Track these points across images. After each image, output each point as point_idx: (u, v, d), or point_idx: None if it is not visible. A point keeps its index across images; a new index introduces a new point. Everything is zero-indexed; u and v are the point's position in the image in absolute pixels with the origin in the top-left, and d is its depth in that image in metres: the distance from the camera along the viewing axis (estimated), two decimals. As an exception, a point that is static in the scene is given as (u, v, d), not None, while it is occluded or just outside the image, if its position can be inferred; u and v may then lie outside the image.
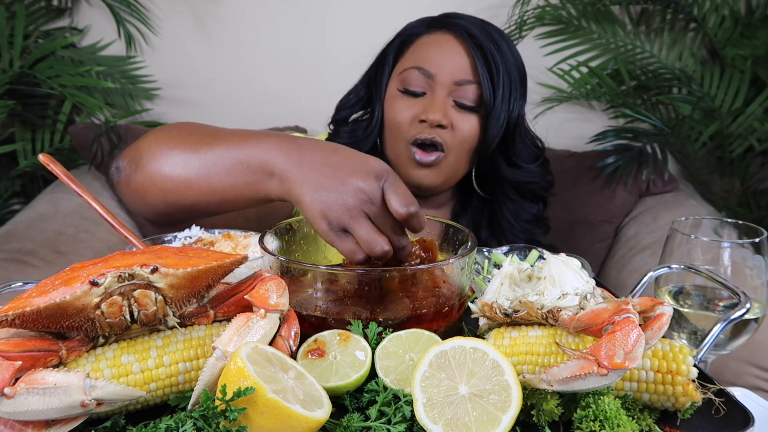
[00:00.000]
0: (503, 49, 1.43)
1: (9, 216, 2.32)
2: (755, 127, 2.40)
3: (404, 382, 0.78)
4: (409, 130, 1.42)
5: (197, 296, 0.79)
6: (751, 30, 2.42)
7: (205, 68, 2.61)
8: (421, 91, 1.43)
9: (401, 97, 1.45)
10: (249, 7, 2.55)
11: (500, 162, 1.50)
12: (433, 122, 1.39)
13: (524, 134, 1.53)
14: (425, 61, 1.43)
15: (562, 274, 0.82)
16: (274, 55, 2.61)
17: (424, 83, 1.42)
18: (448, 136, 1.42)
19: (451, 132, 1.42)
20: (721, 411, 0.75)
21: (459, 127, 1.42)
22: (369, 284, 0.88)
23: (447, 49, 1.43)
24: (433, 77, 1.41)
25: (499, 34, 1.47)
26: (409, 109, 1.43)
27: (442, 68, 1.41)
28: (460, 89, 1.41)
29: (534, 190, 1.56)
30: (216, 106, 2.63)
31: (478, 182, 1.55)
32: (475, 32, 1.42)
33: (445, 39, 1.44)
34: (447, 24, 1.46)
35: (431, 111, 1.39)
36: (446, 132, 1.41)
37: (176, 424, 0.66)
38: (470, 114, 1.43)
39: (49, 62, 2.36)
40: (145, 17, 2.48)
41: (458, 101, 1.42)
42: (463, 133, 1.42)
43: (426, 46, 1.45)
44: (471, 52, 1.41)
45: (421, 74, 1.42)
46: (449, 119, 1.41)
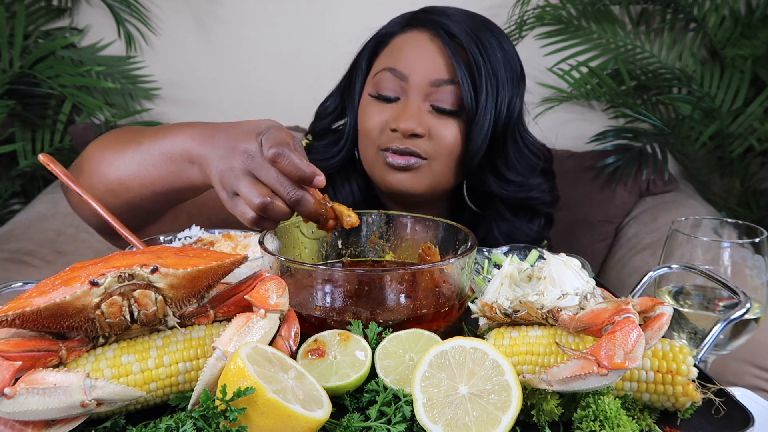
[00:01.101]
0: (488, 45, 1.28)
1: (9, 216, 2.32)
2: (755, 127, 2.40)
3: (404, 382, 0.77)
4: (380, 138, 1.29)
5: (197, 296, 0.79)
6: (751, 30, 2.42)
7: (205, 68, 2.61)
8: (394, 96, 1.29)
9: (373, 103, 1.31)
10: (249, 7, 2.55)
11: (486, 175, 1.34)
12: (405, 131, 1.25)
13: (520, 141, 1.37)
14: (398, 61, 1.29)
15: (562, 274, 0.82)
16: (274, 55, 2.61)
17: (397, 87, 1.28)
18: (427, 146, 1.27)
19: (429, 141, 1.27)
20: (721, 411, 0.75)
21: (438, 135, 1.27)
22: (369, 284, 0.88)
23: (421, 48, 1.28)
24: (407, 79, 1.27)
25: (487, 28, 1.32)
26: (379, 114, 1.29)
27: (415, 68, 1.27)
28: (437, 91, 1.26)
29: (534, 206, 1.40)
30: (216, 106, 2.63)
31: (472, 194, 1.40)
32: (452, 29, 1.27)
33: (420, 37, 1.30)
34: (423, 21, 1.31)
35: (403, 119, 1.25)
36: (423, 141, 1.27)
37: (176, 424, 0.66)
38: (450, 119, 1.28)
39: (49, 62, 2.36)
40: (145, 17, 2.48)
41: (435, 105, 1.27)
42: (445, 140, 1.27)
43: (400, 45, 1.32)
44: (448, 51, 1.26)
45: (393, 76, 1.28)
46: (425, 126, 1.26)
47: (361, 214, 1.10)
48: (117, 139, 1.19)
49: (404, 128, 1.24)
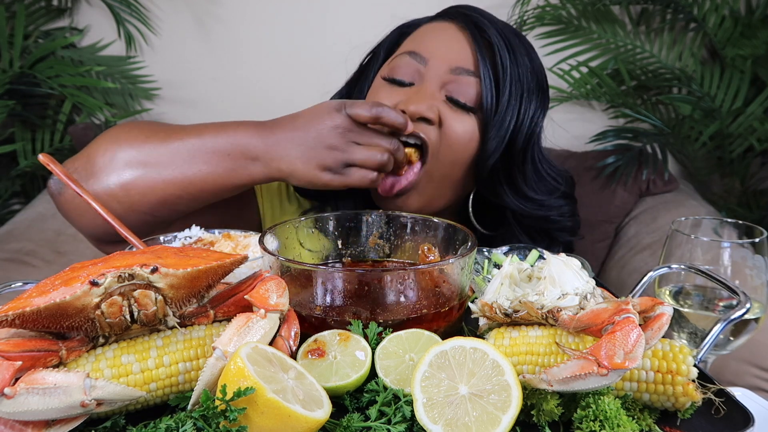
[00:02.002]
0: (516, 49, 1.21)
1: (9, 216, 2.32)
2: (755, 127, 2.40)
3: (404, 382, 0.77)
4: None
5: (197, 296, 0.79)
6: (751, 30, 2.42)
7: (205, 68, 2.61)
8: (409, 80, 1.21)
9: (385, 86, 1.23)
10: (249, 7, 2.55)
11: (502, 187, 1.24)
12: (414, 114, 1.15)
13: (539, 163, 1.28)
14: (419, 45, 1.22)
15: (562, 274, 0.82)
16: (274, 55, 2.61)
17: (414, 72, 1.20)
18: (434, 134, 1.17)
19: (438, 130, 1.18)
20: (721, 411, 0.75)
21: (450, 127, 1.17)
22: (369, 284, 0.88)
23: (447, 35, 1.22)
24: (426, 62, 1.19)
25: (517, 36, 1.26)
26: (389, 97, 1.20)
27: (436, 53, 1.19)
28: (456, 81, 1.18)
29: (551, 230, 1.31)
30: (216, 106, 2.63)
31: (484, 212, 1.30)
32: (482, 24, 1.20)
33: (447, 26, 1.24)
34: (454, 14, 1.26)
35: (415, 101, 1.16)
36: (432, 129, 1.17)
37: (176, 424, 0.66)
38: (465, 114, 1.19)
39: (49, 62, 2.36)
40: (145, 17, 2.48)
41: (451, 96, 1.19)
42: (456, 135, 1.18)
43: (423, 33, 1.26)
44: (474, 43, 1.19)
45: (412, 59, 1.21)
46: (436, 113, 1.16)
47: (361, 214, 1.10)
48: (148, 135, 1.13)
49: (413, 110, 1.15)
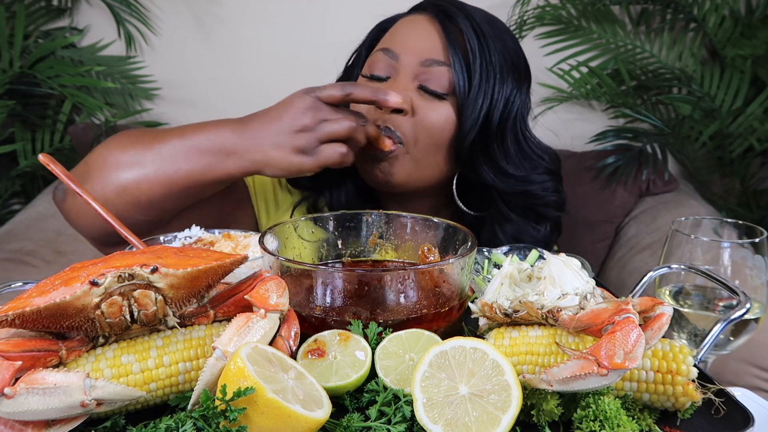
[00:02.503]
0: (488, 34, 1.25)
1: (9, 216, 2.32)
2: (755, 127, 2.40)
3: (404, 382, 0.77)
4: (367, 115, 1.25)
5: (197, 296, 0.79)
6: (751, 30, 2.42)
7: (205, 68, 2.61)
8: (385, 75, 1.27)
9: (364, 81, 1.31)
10: (249, 7, 2.55)
11: (481, 165, 1.28)
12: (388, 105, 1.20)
13: (523, 140, 1.33)
14: (392, 42, 1.28)
15: (562, 274, 0.82)
16: (274, 55, 2.61)
17: (389, 67, 1.26)
18: (408, 124, 1.23)
19: (412, 119, 1.23)
20: (721, 411, 0.75)
21: (424, 116, 1.23)
22: (369, 284, 0.88)
23: (417, 28, 1.27)
24: (398, 57, 1.26)
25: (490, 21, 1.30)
26: None
27: (407, 47, 1.25)
28: (427, 72, 1.24)
29: (536, 206, 1.35)
30: (216, 106, 2.63)
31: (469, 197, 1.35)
32: (451, 11, 1.25)
33: (418, 19, 1.29)
34: (426, 6, 1.31)
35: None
36: (406, 119, 1.23)
37: (176, 424, 0.66)
38: (438, 102, 1.24)
39: (49, 62, 2.36)
40: (145, 17, 2.48)
41: (424, 86, 1.24)
42: (430, 122, 1.23)
43: (397, 28, 1.31)
44: (443, 32, 1.24)
45: (385, 56, 1.27)
46: (409, 103, 1.23)
47: (361, 214, 1.10)
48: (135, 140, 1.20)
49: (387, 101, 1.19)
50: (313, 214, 1.36)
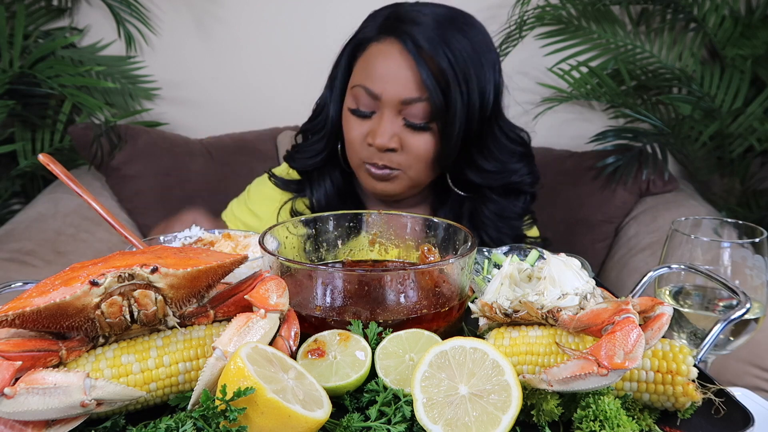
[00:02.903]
0: (456, 46, 1.30)
1: (9, 216, 2.32)
2: (755, 127, 2.40)
3: (404, 382, 0.77)
4: (361, 151, 1.38)
5: (197, 296, 0.79)
6: (751, 30, 2.42)
7: (205, 68, 2.61)
8: (369, 111, 1.36)
9: (352, 118, 1.39)
10: (249, 8, 2.55)
11: (464, 167, 1.41)
12: (380, 147, 1.33)
13: (497, 129, 1.41)
14: (370, 78, 1.34)
15: (562, 274, 0.82)
16: (274, 56, 2.61)
17: (372, 103, 1.35)
18: (400, 158, 1.36)
19: (403, 153, 1.36)
20: (721, 411, 0.75)
21: (411, 147, 1.35)
22: (369, 284, 0.88)
23: (392, 64, 1.32)
24: (379, 98, 1.33)
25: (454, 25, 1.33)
26: (359, 128, 1.37)
27: (386, 88, 1.32)
28: (409, 108, 1.32)
29: (518, 187, 1.47)
30: (216, 106, 2.63)
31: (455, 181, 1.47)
32: (420, 40, 1.29)
33: (391, 50, 1.33)
34: (394, 29, 1.34)
35: (378, 135, 1.33)
36: (397, 155, 1.36)
37: (176, 424, 0.66)
38: (423, 133, 1.34)
39: (49, 62, 2.36)
40: (145, 17, 2.47)
41: (408, 120, 1.33)
42: (417, 151, 1.35)
43: (373, 58, 1.35)
44: (416, 66, 1.29)
45: (367, 94, 1.34)
46: (398, 141, 1.34)
47: (361, 215, 1.11)
48: None
49: (378, 144, 1.33)
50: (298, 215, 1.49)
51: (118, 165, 2.27)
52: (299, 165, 1.51)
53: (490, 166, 1.41)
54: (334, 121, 1.44)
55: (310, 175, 1.50)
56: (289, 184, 1.54)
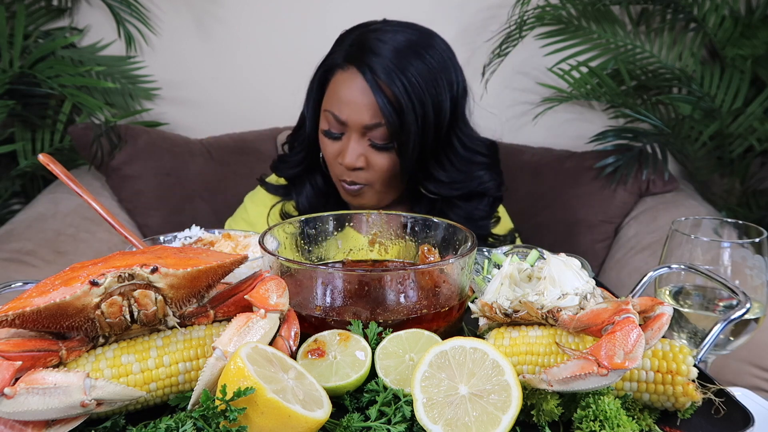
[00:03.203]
0: (411, 73, 1.43)
1: (9, 216, 2.32)
2: (755, 127, 2.40)
3: (404, 382, 0.77)
4: (334, 168, 1.54)
5: (197, 296, 0.79)
6: (751, 30, 2.42)
7: (205, 68, 2.61)
8: (338, 133, 1.50)
9: (326, 140, 1.53)
10: (249, 8, 2.55)
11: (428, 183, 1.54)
12: (348, 167, 1.49)
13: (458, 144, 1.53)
14: (337, 105, 1.47)
15: (562, 274, 0.82)
16: (274, 56, 2.61)
17: (340, 127, 1.49)
18: (367, 175, 1.51)
19: (369, 171, 1.50)
20: (721, 411, 0.75)
21: (375, 165, 1.50)
22: (369, 284, 0.88)
23: (355, 93, 1.45)
24: (345, 123, 1.47)
25: (412, 50, 1.45)
26: (331, 148, 1.52)
27: (351, 115, 1.46)
28: (371, 132, 1.46)
29: (482, 191, 1.58)
30: (216, 106, 2.63)
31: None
32: (378, 70, 1.42)
33: (353, 79, 1.46)
34: (357, 59, 1.46)
35: (346, 156, 1.48)
36: (364, 172, 1.50)
37: (176, 424, 0.66)
38: (386, 152, 1.49)
39: (49, 62, 2.36)
40: (145, 17, 2.47)
41: (373, 142, 1.48)
42: (381, 168, 1.50)
43: (339, 86, 1.48)
44: (373, 94, 1.43)
45: (335, 119, 1.48)
46: (364, 160, 1.49)
47: (361, 215, 1.11)
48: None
49: (347, 164, 1.48)
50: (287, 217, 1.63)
51: (118, 165, 2.27)
52: (283, 174, 1.66)
53: (446, 177, 1.54)
54: (311, 137, 1.58)
55: (294, 181, 1.65)
56: (278, 189, 1.68)
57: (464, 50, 2.57)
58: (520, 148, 2.47)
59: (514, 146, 2.49)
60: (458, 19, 2.54)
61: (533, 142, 2.53)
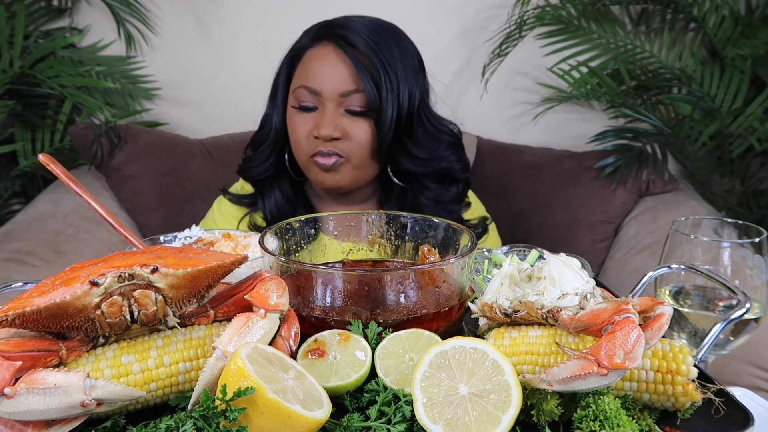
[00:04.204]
0: (385, 48, 1.46)
1: (9, 216, 2.32)
2: (755, 127, 2.40)
3: (404, 382, 0.78)
4: (307, 146, 1.49)
5: (197, 296, 0.79)
6: (751, 30, 2.42)
7: (205, 68, 2.61)
8: (313, 105, 1.48)
9: (297, 114, 1.51)
10: (249, 8, 2.55)
11: (399, 156, 1.53)
12: (325, 137, 1.45)
13: (426, 122, 1.55)
14: (310, 78, 1.47)
15: (562, 274, 0.82)
16: (274, 56, 2.60)
17: (314, 99, 1.48)
18: (345, 145, 1.48)
19: (347, 141, 1.48)
20: (721, 411, 0.75)
21: (353, 134, 1.47)
22: (369, 284, 0.88)
23: (328, 63, 1.46)
24: (320, 93, 1.46)
25: (385, 32, 1.49)
26: (304, 125, 1.49)
27: (325, 84, 1.46)
28: (347, 99, 1.46)
29: (449, 174, 1.59)
30: (216, 106, 2.63)
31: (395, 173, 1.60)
32: (353, 39, 1.45)
33: (326, 52, 1.48)
34: (328, 35, 1.49)
35: (322, 126, 1.45)
36: (342, 142, 1.48)
37: (176, 424, 0.66)
38: (362, 119, 1.47)
39: (49, 62, 2.36)
40: (145, 17, 2.47)
41: (348, 109, 1.47)
42: (358, 138, 1.47)
43: (310, 61, 1.49)
44: (351, 62, 1.44)
45: (308, 92, 1.47)
46: (342, 130, 1.46)
47: (360, 215, 1.11)
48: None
49: (324, 134, 1.45)
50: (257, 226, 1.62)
51: (118, 165, 2.27)
52: (251, 175, 1.63)
53: (421, 153, 1.54)
54: (279, 130, 1.57)
55: (261, 187, 1.63)
56: (242, 199, 1.66)
57: (464, 50, 2.57)
58: (520, 148, 2.47)
59: (514, 146, 2.49)
60: (458, 19, 2.54)
61: (533, 142, 2.53)
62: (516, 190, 2.37)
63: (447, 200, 1.60)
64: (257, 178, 1.62)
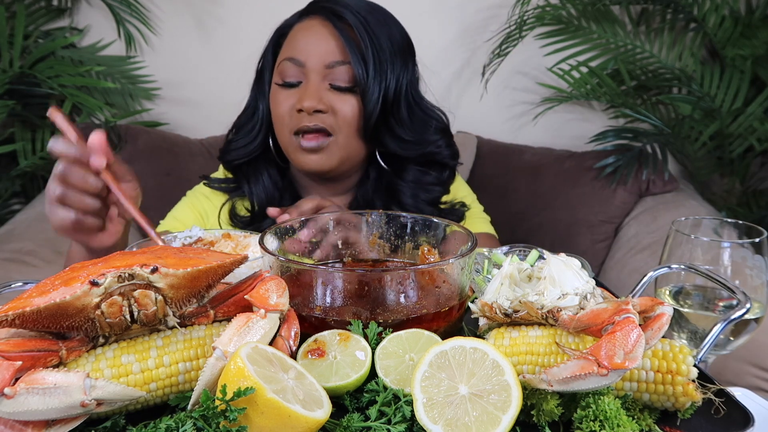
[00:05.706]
0: (374, 25, 1.42)
1: (9, 216, 2.32)
2: (755, 127, 2.40)
3: (404, 382, 0.77)
4: (291, 121, 1.43)
5: (197, 296, 0.79)
6: (751, 30, 2.42)
7: (205, 68, 2.61)
8: (297, 80, 1.43)
9: (280, 90, 1.45)
10: (249, 8, 2.55)
11: (386, 138, 1.47)
12: (309, 109, 1.39)
13: (414, 106, 1.51)
14: (295, 50, 1.43)
15: (562, 274, 0.82)
16: (274, 55, 2.61)
17: (298, 72, 1.42)
18: (331, 120, 1.42)
19: (332, 115, 1.42)
20: (721, 411, 0.75)
21: (339, 109, 1.41)
22: (369, 284, 0.88)
23: (315, 34, 1.42)
24: (304, 65, 1.41)
25: (374, 11, 1.46)
26: (287, 100, 1.43)
27: (311, 55, 1.41)
28: (333, 72, 1.40)
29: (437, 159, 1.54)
30: (216, 106, 2.62)
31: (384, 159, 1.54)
32: (342, 12, 1.40)
33: (312, 24, 1.43)
34: (316, 9, 1.45)
35: (305, 99, 1.39)
36: (327, 116, 1.41)
37: (176, 424, 0.66)
38: (348, 94, 1.42)
39: (49, 62, 2.36)
40: (145, 17, 2.48)
41: (333, 84, 1.41)
42: (345, 114, 1.42)
43: (295, 35, 1.45)
44: (338, 33, 1.40)
45: (293, 64, 1.42)
46: (326, 103, 1.40)
47: (361, 214, 1.11)
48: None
49: (308, 106, 1.39)
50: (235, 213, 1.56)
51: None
52: (234, 156, 1.55)
53: (408, 135, 1.49)
54: (264, 113, 1.51)
55: (245, 172, 1.55)
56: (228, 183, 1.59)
57: (464, 50, 2.58)
58: (520, 148, 2.47)
59: (514, 146, 2.49)
60: (458, 19, 2.54)
61: (533, 142, 2.53)
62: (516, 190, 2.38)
63: (426, 182, 1.54)
64: (239, 161, 1.55)
